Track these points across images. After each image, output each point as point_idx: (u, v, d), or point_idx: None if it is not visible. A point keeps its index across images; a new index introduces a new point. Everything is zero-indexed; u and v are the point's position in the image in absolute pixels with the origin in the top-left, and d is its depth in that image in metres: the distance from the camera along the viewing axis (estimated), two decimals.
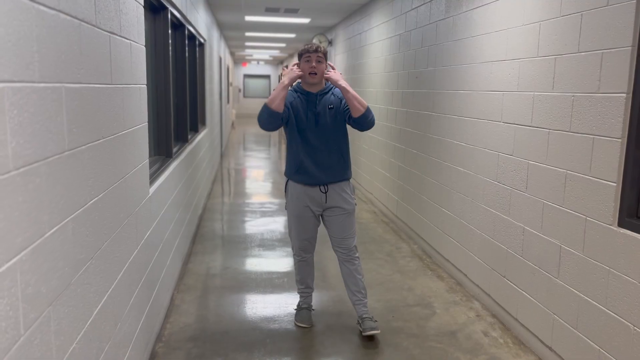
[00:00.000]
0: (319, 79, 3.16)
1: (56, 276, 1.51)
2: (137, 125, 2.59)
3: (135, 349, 2.54)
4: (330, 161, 3.21)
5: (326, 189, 3.23)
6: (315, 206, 3.26)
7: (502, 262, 3.51)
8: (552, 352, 2.96)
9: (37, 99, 1.38)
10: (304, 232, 3.34)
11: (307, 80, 3.18)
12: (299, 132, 3.21)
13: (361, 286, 3.32)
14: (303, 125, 3.20)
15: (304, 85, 3.25)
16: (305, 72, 3.15)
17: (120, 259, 2.26)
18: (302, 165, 3.22)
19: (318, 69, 3.13)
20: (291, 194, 3.30)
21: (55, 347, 1.51)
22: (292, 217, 3.33)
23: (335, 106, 3.20)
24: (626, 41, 2.38)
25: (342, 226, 3.28)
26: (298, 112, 3.21)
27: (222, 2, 7.60)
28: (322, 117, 3.19)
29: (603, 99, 2.53)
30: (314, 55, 3.11)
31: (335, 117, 3.20)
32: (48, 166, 1.45)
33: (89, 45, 1.83)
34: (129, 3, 2.45)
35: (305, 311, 3.46)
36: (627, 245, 2.39)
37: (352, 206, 3.30)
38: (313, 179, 3.22)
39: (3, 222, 1.19)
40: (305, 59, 3.14)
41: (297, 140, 3.22)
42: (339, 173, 3.25)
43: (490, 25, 3.67)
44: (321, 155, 3.20)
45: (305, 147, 3.21)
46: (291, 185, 3.30)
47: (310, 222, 3.31)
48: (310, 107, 3.19)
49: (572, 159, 2.77)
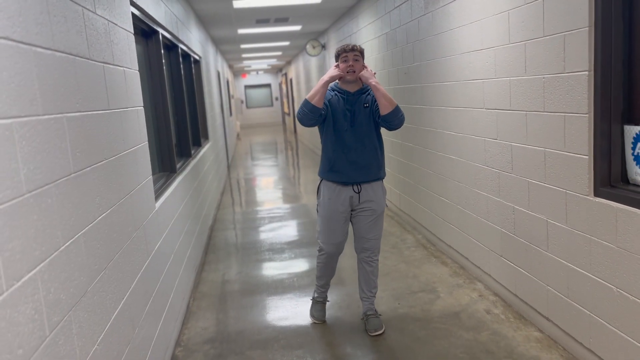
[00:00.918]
0: (356, 77, 3.21)
1: (73, 285, 1.70)
2: (137, 145, 2.79)
3: (154, 352, 2.73)
4: (364, 160, 3.23)
5: (359, 189, 3.26)
6: (346, 206, 3.29)
7: (498, 242, 3.66)
8: (549, 322, 3.11)
9: (42, 130, 1.57)
10: (334, 236, 3.34)
11: (345, 78, 3.21)
12: (335, 131, 3.23)
13: (373, 286, 3.41)
14: (340, 123, 3.23)
15: (342, 84, 3.28)
16: (344, 71, 3.18)
17: (132, 269, 2.45)
18: (336, 164, 3.24)
19: (355, 67, 3.18)
20: (324, 194, 3.32)
21: (78, 348, 1.70)
22: (323, 218, 3.35)
23: (370, 105, 3.24)
24: (584, 22, 2.54)
25: (370, 226, 3.31)
26: (335, 110, 3.24)
27: (214, 18, 7.82)
28: (357, 116, 3.22)
29: (569, 78, 2.69)
30: (350, 54, 3.17)
31: (370, 116, 3.23)
32: (57, 188, 1.64)
33: (85, 76, 2.03)
34: (119, 33, 2.65)
35: (320, 304, 3.57)
36: (603, 212, 2.54)
37: (382, 208, 3.32)
38: (347, 178, 3.24)
39: (22, 239, 1.38)
40: (342, 59, 3.20)
41: (332, 138, 3.25)
42: (372, 172, 3.27)
43: (466, 17, 3.83)
44: (355, 154, 3.22)
45: (340, 145, 3.23)
46: (324, 185, 3.33)
47: (340, 225, 3.32)
48: (348, 105, 3.22)
49: (548, 137, 2.93)
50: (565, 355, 2.92)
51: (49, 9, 1.72)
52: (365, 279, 3.40)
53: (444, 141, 4.50)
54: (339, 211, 3.28)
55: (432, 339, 3.22)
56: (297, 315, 3.68)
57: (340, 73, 3.17)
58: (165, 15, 4.34)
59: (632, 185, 2.48)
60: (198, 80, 6.98)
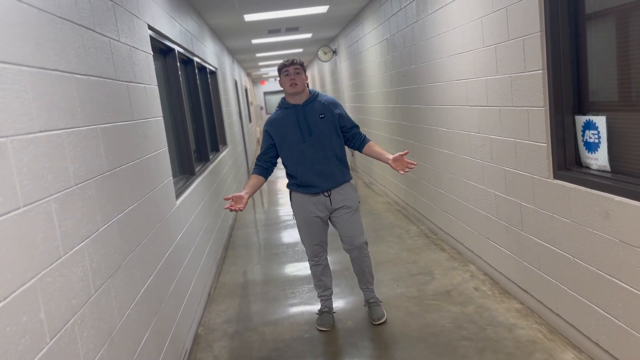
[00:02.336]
0: (300, 89, 3.29)
1: (110, 259, 2.16)
2: (158, 150, 3.26)
3: (178, 328, 3.19)
4: (329, 168, 3.31)
5: (329, 193, 3.36)
6: (321, 211, 3.38)
7: (485, 226, 4.03)
8: (527, 294, 3.47)
9: (82, 138, 2.04)
10: (314, 237, 3.46)
11: (289, 92, 3.31)
12: (293, 148, 3.31)
13: (369, 277, 3.57)
14: (295, 139, 3.30)
15: (288, 99, 3.37)
16: (287, 86, 3.30)
17: (157, 254, 2.92)
18: (303, 178, 3.33)
19: (297, 79, 3.27)
20: (296, 203, 3.44)
21: (116, 309, 2.16)
22: (301, 224, 3.45)
23: (327, 116, 3.31)
24: (536, 27, 2.92)
25: (350, 224, 3.40)
26: (287, 129, 3.31)
27: (228, 31, 8.32)
28: (314, 126, 3.29)
29: (529, 76, 3.07)
30: (291, 68, 3.27)
31: (328, 125, 3.31)
32: (95, 183, 2.10)
33: (113, 94, 2.49)
34: (139, 55, 3.12)
35: (327, 315, 3.60)
36: (560, 192, 2.91)
37: (356, 204, 3.43)
38: (316, 189, 3.34)
39: (72, 219, 1.84)
40: (284, 74, 3.30)
41: (292, 155, 3.33)
42: (339, 178, 3.36)
43: (450, 24, 4.22)
44: (319, 164, 3.30)
45: (303, 159, 3.31)
46: (295, 195, 3.45)
47: (318, 226, 3.42)
48: (300, 118, 3.30)
49: (517, 129, 3.30)
50: (539, 321, 3.29)
51: (84, 43, 2.18)
52: (361, 274, 3.56)
53: (438, 137, 4.88)
54: (314, 215, 3.39)
55: (423, 313, 3.62)
56: (307, 301, 4.11)
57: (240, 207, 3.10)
58: (180, 33, 4.82)
59: (585, 167, 2.85)
60: (214, 91, 7.47)
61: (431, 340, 3.23)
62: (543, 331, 3.17)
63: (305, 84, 3.34)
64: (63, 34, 1.97)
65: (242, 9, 6.61)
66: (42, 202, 1.62)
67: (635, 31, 2.41)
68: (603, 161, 2.67)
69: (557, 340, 3.05)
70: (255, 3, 6.37)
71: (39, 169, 1.63)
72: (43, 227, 1.61)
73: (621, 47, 2.52)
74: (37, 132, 1.65)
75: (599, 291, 2.67)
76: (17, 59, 1.58)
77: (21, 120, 1.56)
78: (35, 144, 1.62)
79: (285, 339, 3.48)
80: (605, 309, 2.64)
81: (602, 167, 2.68)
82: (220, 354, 3.38)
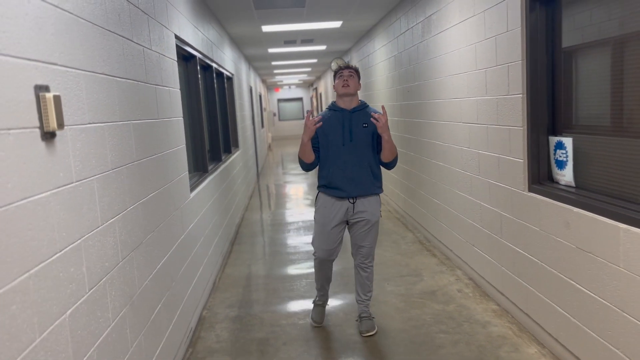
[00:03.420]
0: (352, 91, 3.43)
1: (134, 235, 2.54)
2: (178, 146, 3.65)
3: (185, 307, 3.56)
4: (361, 176, 3.40)
5: (354, 200, 3.45)
6: (342, 216, 3.47)
7: (471, 234, 4.38)
8: (503, 296, 3.81)
9: (119, 131, 2.42)
10: (327, 242, 3.51)
11: (340, 93, 3.44)
12: (332, 147, 3.41)
13: (368, 290, 3.64)
14: (337, 141, 3.40)
15: (338, 102, 3.49)
16: (339, 87, 3.43)
17: (171, 238, 3.30)
18: (333, 180, 3.41)
19: (350, 82, 3.41)
20: (320, 204, 3.53)
21: (137, 278, 2.54)
22: (319, 225, 3.52)
23: (370, 126, 3.41)
24: (518, 56, 3.28)
25: (364, 235, 3.51)
26: (331, 129, 3.43)
27: (246, 39, 8.76)
28: (355, 133, 3.40)
29: (511, 99, 3.43)
30: (346, 71, 3.45)
31: (368, 136, 3.41)
32: (127, 169, 2.49)
33: (143, 95, 2.89)
34: (166, 61, 3.52)
35: (320, 308, 3.76)
36: (533, 204, 3.26)
37: (376, 218, 3.49)
38: (344, 193, 3.42)
39: (108, 197, 2.22)
40: (338, 76, 3.47)
41: (330, 155, 3.42)
42: (369, 187, 3.44)
43: (450, 46, 4.60)
44: (353, 169, 3.39)
45: (338, 161, 3.40)
46: (322, 196, 3.53)
47: (334, 233, 3.48)
48: (345, 123, 3.41)
49: (500, 145, 3.66)
50: (511, 320, 3.62)
51: (124, 51, 2.58)
52: (361, 284, 3.65)
53: (436, 150, 5.24)
54: (334, 221, 3.47)
55: (408, 309, 3.96)
56: (304, 294, 4.47)
57: (314, 127, 3.31)
58: (201, 41, 5.24)
59: (555, 182, 3.20)
60: (230, 95, 7.89)
61: (412, 331, 3.58)
62: (513, 329, 3.50)
63: (357, 88, 3.47)
64: (109, 44, 2.37)
65: (260, 20, 7.03)
66: (87, 180, 2.01)
67: (600, 65, 2.77)
68: (569, 177, 3.02)
69: (525, 337, 3.38)
70: (272, 16, 6.79)
71: (86, 154, 2.02)
72: (88, 200, 1.99)
73: (587, 78, 2.88)
74: (87, 124, 2.04)
75: (559, 292, 3.01)
76: (75, 64, 1.97)
77: (76, 114, 1.95)
78: (85, 133, 2.01)
79: (282, 324, 3.84)
80: (563, 307, 2.98)
81: (569, 182, 3.03)
82: (222, 333, 3.74)
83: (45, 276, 1.63)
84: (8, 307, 1.42)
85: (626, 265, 2.39)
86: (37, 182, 1.62)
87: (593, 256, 2.64)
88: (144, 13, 3.04)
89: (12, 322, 1.43)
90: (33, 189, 1.59)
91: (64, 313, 1.74)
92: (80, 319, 1.86)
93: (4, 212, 1.43)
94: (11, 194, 1.47)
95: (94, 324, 1.98)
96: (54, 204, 1.72)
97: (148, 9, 3.13)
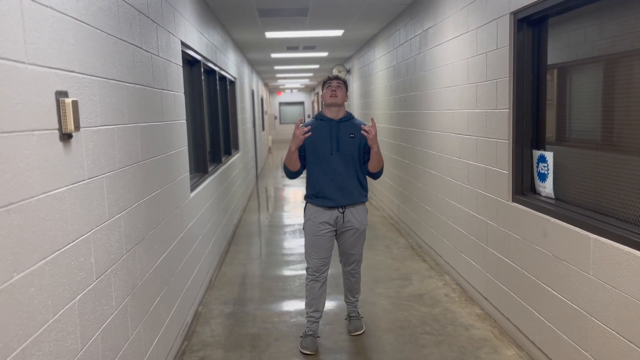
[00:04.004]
0: (340, 101, 3.49)
1: (137, 230, 2.72)
2: (180, 148, 3.82)
3: (183, 301, 3.73)
4: (349, 185, 3.46)
5: (343, 210, 3.50)
6: (332, 225, 3.51)
7: (459, 240, 4.55)
8: (487, 302, 3.99)
9: (127, 132, 2.60)
10: (320, 250, 3.53)
11: (328, 102, 3.50)
12: (319, 156, 3.46)
13: (356, 292, 3.77)
14: (324, 150, 3.45)
15: (325, 112, 3.54)
16: (327, 97, 3.50)
17: (171, 235, 3.47)
18: (322, 189, 3.45)
19: (338, 92, 3.48)
20: (310, 214, 3.54)
21: (138, 270, 2.71)
22: (310, 236, 3.53)
23: (357, 137, 3.47)
24: (506, 73, 3.47)
25: (353, 243, 3.58)
26: (319, 139, 3.47)
27: (249, 44, 8.95)
28: (342, 143, 3.46)
29: (499, 113, 3.61)
30: (334, 81, 3.52)
31: (355, 146, 3.47)
32: (132, 168, 2.67)
33: (150, 99, 3.06)
34: (172, 67, 3.70)
35: (311, 338, 3.55)
36: (516, 214, 3.43)
37: (364, 226, 3.58)
38: (332, 202, 3.46)
39: (115, 194, 2.40)
40: (327, 86, 3.54)
41: (317, 165, 3.46)
42: (357, 196, 3.50)
43: (445, 60, 4.78)
44: (340, 178, 3.44)
45: (326, 171, 3.44)
46: (310, 207, 3.56)
47: (326, 241, 3.51)
48: (333, 132, 3.46)
49: (487, 156, 3.84)
50: (493, 324, 3.79)
51: (133, 58, 2.76)
52: (350, 288, 3.77)
53: (429, 159, 5.42)
54: (325, 230, 3.50)
55: (396, 310, 4.13)
56: (296, 294, 4.64)
57: (299, 137, 3.36)
58: (206, 47, 5.42)
59: (537, 194, 3.37)
60: (232, 99, 8.07)
61: (398, 332, 3.75)
62: (495, 332, 3.67)
63: (344, 99, 3.53)
64: (120, 51, 2.55)
65: (264, 27, 7.22)
66: (98, 178, 2.18)
67: (579, 83, 2.95)
68: (549, 189, 3.20)
69: (505, 339, 3.55)
70: (276, 23, 6.98)
71: (98, 154, 2.19)
72: (97, 196, 2.17)
73: (568, 95, 3.06)
74: (100, 126, 2.22)
75: (537, 298, 3.18)
76: (91, 71, 2.15)
77: (90, 117, 2.12)
78: (97, 135, 2.19)
79: (274, 321, 4.01)
80: (540, 312, 3.15)
81: (549, 194, 3.21)
82: (216, 328, 3.91)
83: (59, 263, 1.80)
84: (27, 289, 1.59)
85: (595, 273, 2.57)
86: (55, 178, 1.79)
87: (567, 264, 2.82)
88: (153, 22, 3.22)
89: (30, 302, 1.61)
90: (51, 185, 1.76)
91: (74, 298, 1.91)
92: (88, 304, 2.04)
93: (27, 204, 1.60)
94: (33, 188, 1.64)
95: (99, 311, 2.16)
96: (69, 198, 1.89)
97: (157, 17, 3.32)
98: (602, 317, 2.53)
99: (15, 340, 1.52)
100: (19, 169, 1.57)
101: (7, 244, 1.49)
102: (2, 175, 1.48)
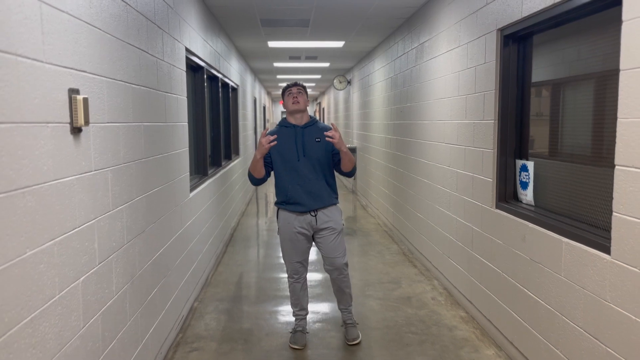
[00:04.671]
0: (302, 107, 3.54)
1: (138, 222, 2.89)
2: (181, 149, 4.01)
3: (179, 296, 3.89)
4: (318, 189, 3.50)
5: (315, 213, 3.53)
6: (306, 229, 3.54)
7: (448, 246, 4.72)
8: (471, 305, 4.14)
9: (131, 131, 2.78)
10: (296, 254, 3.60)
11: (291, 109, 3.54)
12: (286, 163, 3.49)
13: (347, 297, 3.74)
14: (291, 157, 3.48)
15: (289, 118, 3.59)
16: (289, 104, 3.55)
17: (170, 231, 3.64)
18: (292, 196, 3.49)
19: (300, 98, 3.53)
20: (282, 220, 3.58)
21: (137, 261, 2.88)
22: (285, 241, 3.59)
23: (323, 141, 3.51)
24: (492, 86, 3.65)
25: (333, 246, 3.57)
26: (284, 146, 3.50)
27: (252, 53, 9.16)
28: (308, 148, 3.49)
29: (485, 124, 3.79)
30: (294, 88, 3.56)
31: (321, 150, 3.51)
32: (136, 164, 2.84)
33: (154, 101, 3.25)
34: (176, 71, 3.89)
35: (300, 334, 3.67)
36: (498, 220, 3.60)
37: (340, 226, 3.59)
38: (303, 207, 3.49)
39: (119, 187, 2.57)
40: (287, 94, 3.57)
41: (285, 172, 3.50)
42: (326, 199, 3.53)
43: (438, 72, 4.98)
44: (309, 183, 3.48)
45: (294, 177, 3.48)
46: (282, 213, 3.58)
47: (302, 244, 3.57)
48: (298, 138, 3.51)
49: (474, 165, 4.02)
50: (476, 326, 3.95)
51: (140, 61, 2.95)
52: (341, 295, 3.73)
53: (421, 167, 5.60)
54: (298, 233, 3.54)
55: (383, 311, 4.29)
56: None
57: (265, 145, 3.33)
58: (209, 54, 5.62)
59: (518, 201, 3.54)
60: (234, 105, 8.27)
61: (384, 330, 3.91)
62: (477, 333, 3.83)
63: (306, 104, 3.58)
64: (128, 54, 2.74)
65: (266, 36, 7.44)
66: (103, 170, 2.36)
67: (561, 100, 3.13)
68: (530, 197, 3.37)
69: (486, 340, 3.71)
70: (278, 33, 7.19)
71: (103, 148, 2.37)
72: (102, 187, 2.35)
73: (547, 109, 3.24)
74: (107, 123, 2.40)
75: (515, 299, 3.35)
76: (100, 71, 2.34)
77: (98, 113, 2.31)
78: (104, 131, 2.37)
79: (266, 317, 4.17)
80: (518, 313, 3.31)
81: (529, 202, 3.38)
82: (211, 323, 4.07)
83: (67, 245, 1.98)
84: (38, 265, 1.76)
85: (566, 275, 2.73)
86: (65, 167, 1.97)
87: (542, 266, 2.98)
88: (159, 28, 3.42)
89: (40, 277, 1.78)
90: (62, 173, 1.94)
91: (78, 279, 2.08)
92: (90, 286, 2.21)
93: (39, 188, 1.78)
94: (46, 175, 1.82)
95: (100, 293, 2.33)
96: (77, 187, 2.07)
97: (163, 24, 3.51)
98: (571, 316, 2.69)
99: (26, 309, 1.69)
100: (34, 156, 1.75)
101: (22, 222, 1.67)
102: (20, 161, 1.66)
